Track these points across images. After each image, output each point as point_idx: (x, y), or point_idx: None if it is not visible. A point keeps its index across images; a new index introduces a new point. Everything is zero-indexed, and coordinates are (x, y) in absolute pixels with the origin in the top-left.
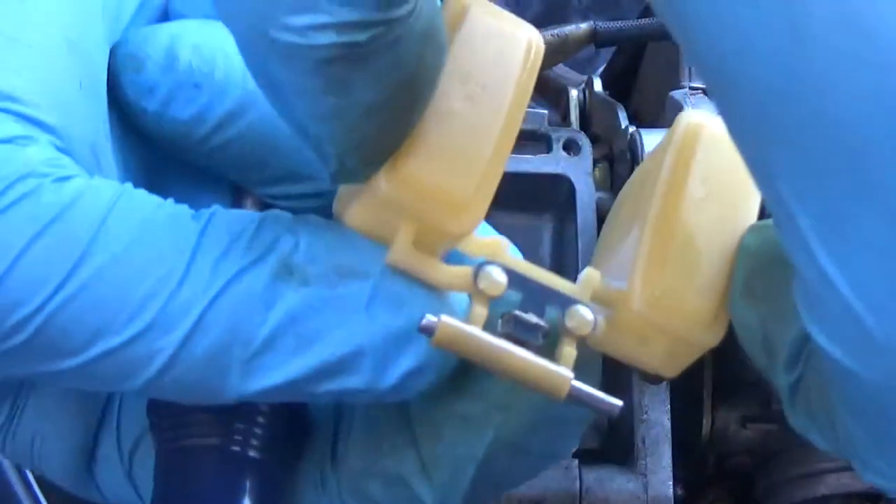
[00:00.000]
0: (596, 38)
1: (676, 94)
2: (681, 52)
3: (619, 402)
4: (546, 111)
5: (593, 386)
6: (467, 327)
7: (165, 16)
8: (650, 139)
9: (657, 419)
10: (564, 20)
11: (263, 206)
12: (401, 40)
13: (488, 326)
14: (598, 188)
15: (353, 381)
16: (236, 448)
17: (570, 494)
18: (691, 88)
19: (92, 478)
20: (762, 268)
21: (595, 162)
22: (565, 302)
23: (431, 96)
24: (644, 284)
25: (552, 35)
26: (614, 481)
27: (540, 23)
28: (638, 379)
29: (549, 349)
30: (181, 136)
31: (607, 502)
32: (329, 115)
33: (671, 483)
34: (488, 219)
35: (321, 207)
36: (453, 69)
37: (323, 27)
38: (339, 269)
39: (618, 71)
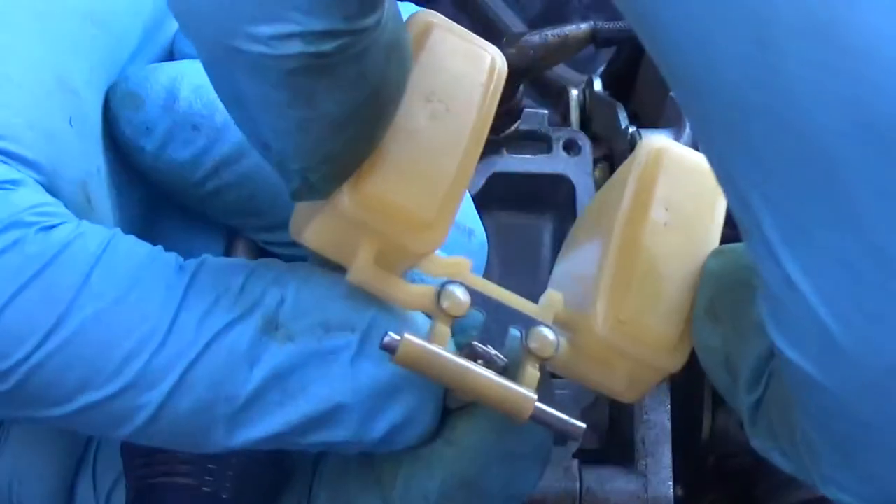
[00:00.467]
0: (596, 38)
1: None
2: None
3: (583, 425)
4: (546, 111)
5: (552, 408)
6: (430, 346)
7: (171, 55)
8: (650, 139)
9: (657, 419)
10: (564, 20)
11: (257, 249)
12: (367, 52)
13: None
14: (598, 188)
15: (338, 434)
16: (207, 489)
17: (571, 494)
18: None
19: None
20: (724, 290)
21: (595, 162)
22: (528, 323)
23: (395, 113)
24: (608, 309)
25: (552, 35)
26: (614, 481)
27: (540, 23)
28: None
29: (512, 370)
30: (177, 178)
31: (607, 502)
32: (294, 130)
33: (671, 483)
34: (490, 218)
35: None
36: (417, 87)
37: (290, 37)
38: (325, 323)
39: (618, 71)
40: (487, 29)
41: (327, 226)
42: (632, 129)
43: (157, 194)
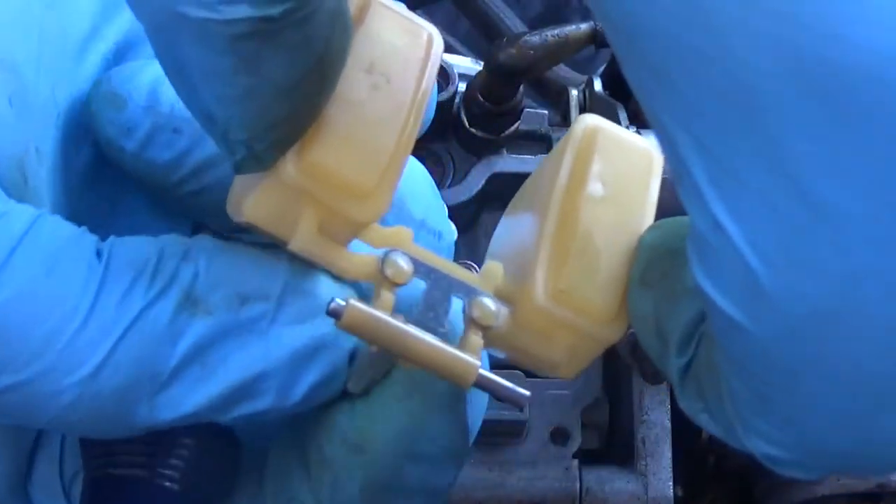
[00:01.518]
0: (596, 38)
1: None
2: None
3: (527, 393)
4: (546, 111)
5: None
6: (375, 312)
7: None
8: (650, 139)
9: (657, 419)
10: (564, 20)
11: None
12: (311, 17)
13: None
14: None
15: (260, 404)
16: (161, 481)
17: (571, 495)
18: None
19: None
20: (657, 259)
21: None
22: (470, 292)
23: (337, 82)
24: (547, 279)
25: (552, 35)
26: (614, 481)
27: (540, 23)
28: (638, 379)
29: (454, 339)
30: (157, 179)
31: (607, 502)
32: (239, 98)
33: (671, 483)
34: (490, 218)
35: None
36: (357, 60)
37: (237, 0)
38: (240, 294)
39: (618, 71)
40: (487, 29)
41: (268, 197)
42: (632, 130)
43: (125, 182)
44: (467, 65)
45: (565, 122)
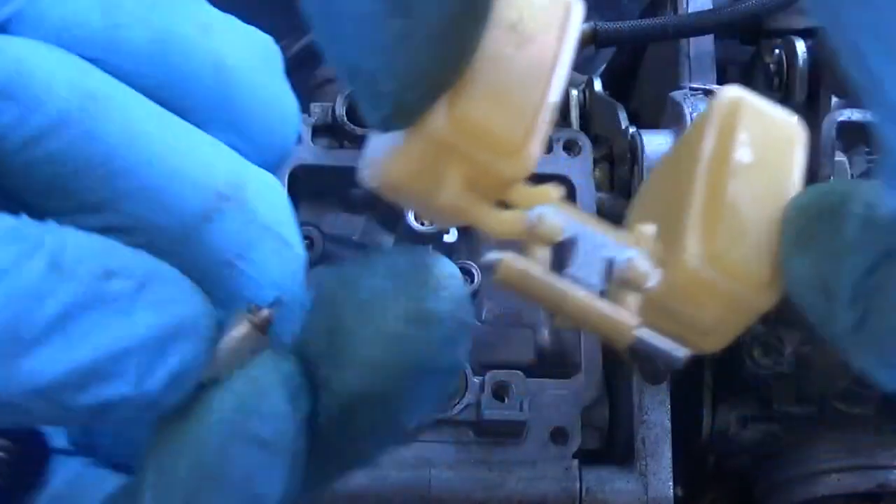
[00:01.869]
0: (596, 38)
1: (676, 94)
2: (681, 52)
3: (686, 353)
4: None
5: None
6: (530, 267)
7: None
8: (650, 139)
9: (657, 419)
10: None
11: None
12: None
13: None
14: (598, 189)
15: (118, 387)
16: None
17: (571, 495)
18: (691, 89)
19: None
20: (812, 219)
21: (595, 162)
22: (622, 251)
23: (485, 27)
24: (699, 244)
25: None
26: (614, 482)
27: None
28: (638, 379)
29: (608, 298)
30: None
31: (607, 502)
32: (390, 44)
33: (671, 483)
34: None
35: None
36: (501, 18)
37: None
38: (106, 269)
39: (618, 71)
40: None
41: (411, 155)
42: (632, 130)
43: None
44: None
45: (565, 121)
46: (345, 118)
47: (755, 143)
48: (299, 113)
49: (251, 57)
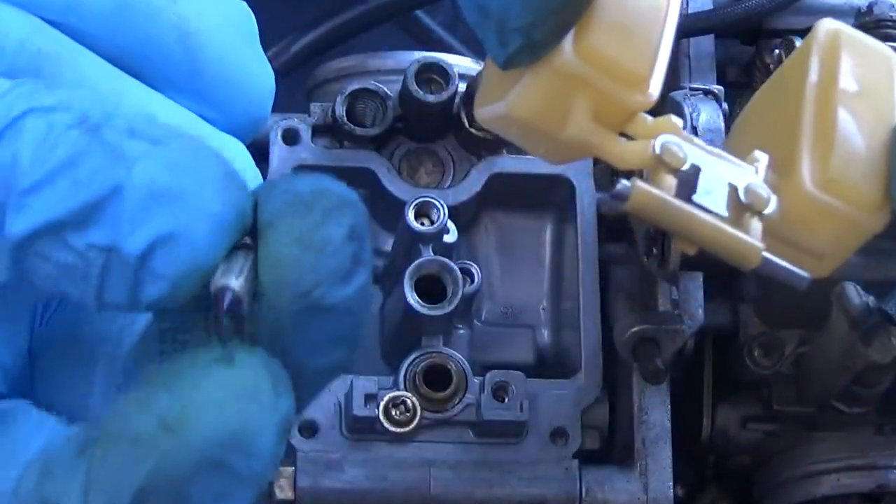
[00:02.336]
0: None
1: (676, 94)
2: (681, 52)
3: (808, 276)
4: None
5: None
6: (661, 193)
7: None
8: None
9: (657, 419)
10: None
11: None
12: None
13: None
14: (598, 188)
15: (100, 236)
16: None
17: (571, 495)
18: (691, 89)
19: None
20: None
21: (595, 162)
22: (743, 177)
23: None
24: (813, 168)
25: None
26: (614, 481)
27: None
28: (638, 379)
29: (731, 223)
30: None
31: (607, 502)
32: None
33: (671, 483)
34: (490, 218)
35: None
36: None
37: None
38: (132, 129)
39: None
40: None
41: (536, 89)
42: None
43: None
44: (467, 65)
45: None
46: (345, 118)
47: (857, 72)
48: (273, 78)
49: (221, 23)
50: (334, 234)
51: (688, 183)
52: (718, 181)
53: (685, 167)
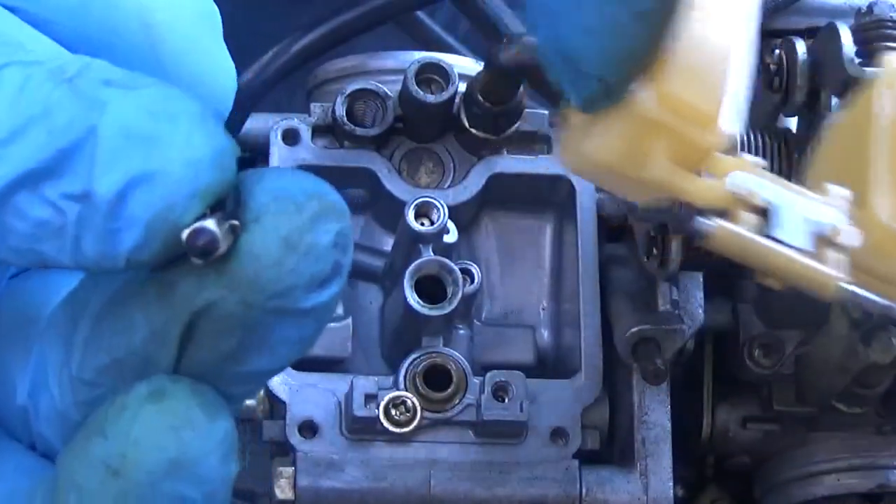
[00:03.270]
0: None
1: None
2: None
3: (894, 305)
4: (546, 111)
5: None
6: (742, 230)
7: None
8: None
9: (657, 419)
10: None
11: None
12: None
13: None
14: (598, 189)
15: (73, 182)
16: None
17: (571, 495)
18: None
19: None
20: None
21: None
22: (822, 212)
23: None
24: (887, 200)
25: None
26: (614, 481)
27: None
28: (638, 379)
29: (812, 256)
30: None
31: (607, 503)
32: (604, 27)
33: (671, 483)
34: (490, 218)
35: None
36: None
37: None
38: (109, 80)
39: None
40: (487, 29)
41: (619, 133)
42: None
43: None
44: (467, 65)
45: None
46: (345, 118)
47: None
48: (235, 75)
49: (185, 16)
50: (321, 240)
51: (766, 219)
52: (796, 215)
53: (761, 203)
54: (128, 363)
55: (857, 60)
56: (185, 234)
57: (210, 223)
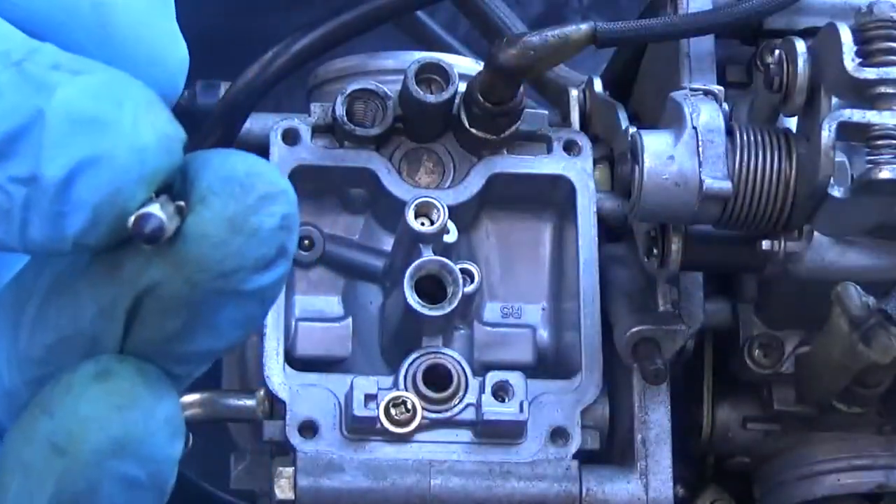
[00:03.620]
0: (596, 39)
1: (676, 94)
2: (681, 52)
3: None
4: (546, 111)
5: None
6: None
7: None
8: (650, 139)
9: (657, 419)
10: (564, 20)
11: None
12: None
13: None
14: (598, 189)
15: (20, 165)
16: None
17: (571, 495)
18: (691, 89)
19: None
20: None
21: (595, 162)
22: None
23: None
24: None
25: (552, 35)
26: (614, 482)
27: (540, 23)
28: (638, 379)
29: None
30: None
31: (607, 503)
32: None
33: (671, 483)
34: (490, 218)
35: None
36: None
37: None
38: (57, 64)
39: (618, 71)
40: (487, 29)
41: None
42: (632, 130)
43: None
44: (467, 65)
45: (565, 122)
46: (345, 118)
47: None
48: (186, 54)
49: None
50: (266, 222)
51: None
52: None
53: None
54: (75, 341)
55: (857, 60)
56: (131, 220)
57: (156, 208)
